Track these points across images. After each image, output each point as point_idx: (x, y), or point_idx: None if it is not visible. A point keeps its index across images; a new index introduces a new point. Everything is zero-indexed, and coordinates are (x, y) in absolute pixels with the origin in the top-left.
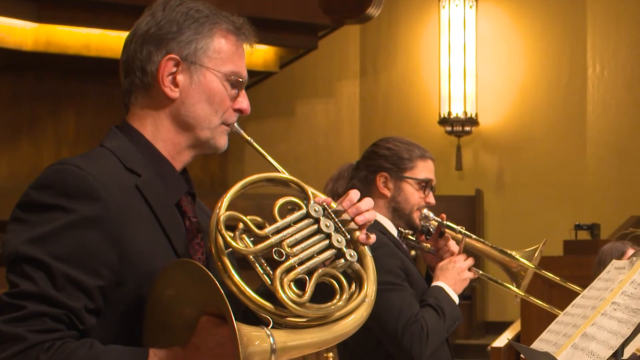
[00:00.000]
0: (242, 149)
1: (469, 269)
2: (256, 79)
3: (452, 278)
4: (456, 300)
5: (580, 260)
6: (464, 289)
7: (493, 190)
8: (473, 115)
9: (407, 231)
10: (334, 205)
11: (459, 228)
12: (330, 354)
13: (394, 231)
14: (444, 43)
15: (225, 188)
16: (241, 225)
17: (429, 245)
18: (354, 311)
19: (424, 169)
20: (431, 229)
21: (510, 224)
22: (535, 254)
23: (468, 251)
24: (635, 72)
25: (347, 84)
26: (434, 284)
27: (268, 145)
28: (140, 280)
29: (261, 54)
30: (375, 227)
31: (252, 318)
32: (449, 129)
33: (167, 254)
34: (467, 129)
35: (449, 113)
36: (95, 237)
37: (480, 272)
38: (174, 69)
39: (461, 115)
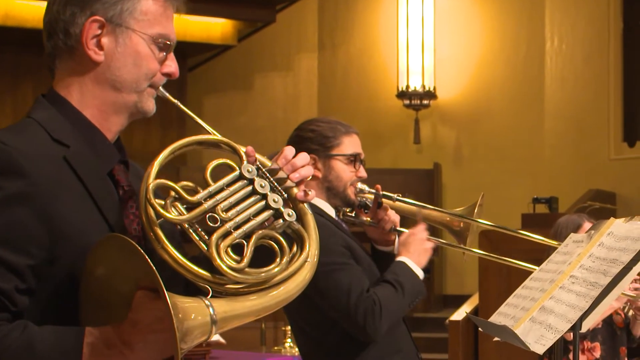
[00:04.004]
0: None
1: (429, 238)
2: (214, 52)
3: (415, 251)
4: (420, 274)
5: (538, 233)
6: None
7: (451, 163)
8: (431, 89)
9: (344, 209)
10: (268, 163)
11: (395, 195)
12: (289, 327)
13: (331, 212)
14: (402, 16)
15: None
16: (173, 193)
17: (369, 219)
18: (296, 273)
19: (350, 144)
20: (368, 203)
21: (468, 197)
22: (475, 209)
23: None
24: (593, 45)
25: (305, 58)
26: (396, 259)
27: (226, 118)
28: (74, 256)
29: (219, 27)
30: (312, 209)
31: (194, 289)
32: (407, 102)
33: (100, 227)
34: (425, 102)
35: (407, 86)
36: (23, 215)
37: (437, 239)
38: (99, 32)
39: (419, 88)
